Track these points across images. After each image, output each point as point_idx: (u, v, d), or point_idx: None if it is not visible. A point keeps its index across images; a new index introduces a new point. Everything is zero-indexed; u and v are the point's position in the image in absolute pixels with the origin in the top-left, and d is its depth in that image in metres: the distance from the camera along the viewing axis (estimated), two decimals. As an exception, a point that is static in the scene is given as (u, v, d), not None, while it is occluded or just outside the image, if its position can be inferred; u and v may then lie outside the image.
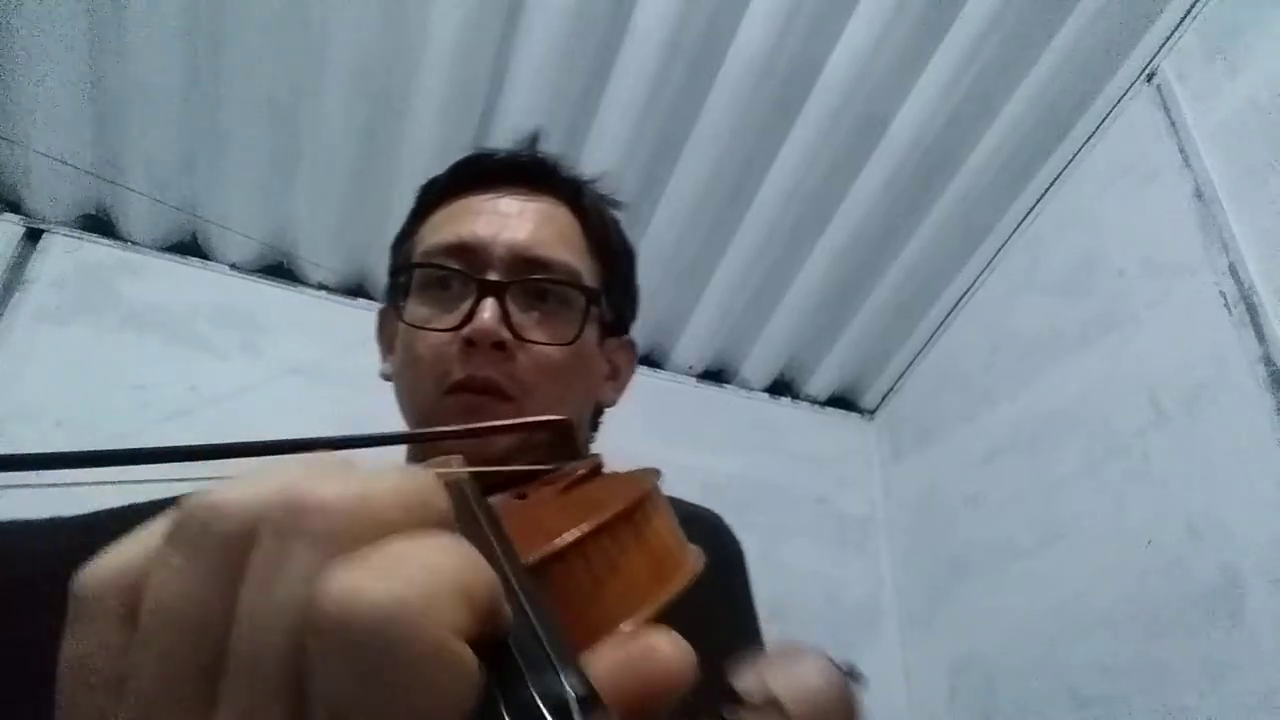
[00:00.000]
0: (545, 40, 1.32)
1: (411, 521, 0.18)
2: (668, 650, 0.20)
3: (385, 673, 0.15)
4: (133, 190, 1.46)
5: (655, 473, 0.35)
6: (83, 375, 1.40)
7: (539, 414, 0.49)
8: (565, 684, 0.17)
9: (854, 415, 1.92)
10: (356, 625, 0.15)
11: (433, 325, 0.57)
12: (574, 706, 0.17)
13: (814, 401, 1.90)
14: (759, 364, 1.83)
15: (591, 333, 0.61)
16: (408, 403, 0.60)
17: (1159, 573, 1.12)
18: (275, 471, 0.18)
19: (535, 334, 0.57)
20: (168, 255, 1.57)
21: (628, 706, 0.18)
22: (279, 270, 1.62)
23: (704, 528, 0.69)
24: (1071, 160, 1.48)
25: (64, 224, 1.52)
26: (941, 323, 1.74)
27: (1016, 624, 1.35)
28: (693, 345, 1.78)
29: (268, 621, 0.16)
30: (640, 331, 0.80)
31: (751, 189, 1.53)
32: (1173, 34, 1.31)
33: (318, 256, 1.58)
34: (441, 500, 0.19)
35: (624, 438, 0.68)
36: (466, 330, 0.55)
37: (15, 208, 1.51)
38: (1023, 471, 1.42)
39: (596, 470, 0.50)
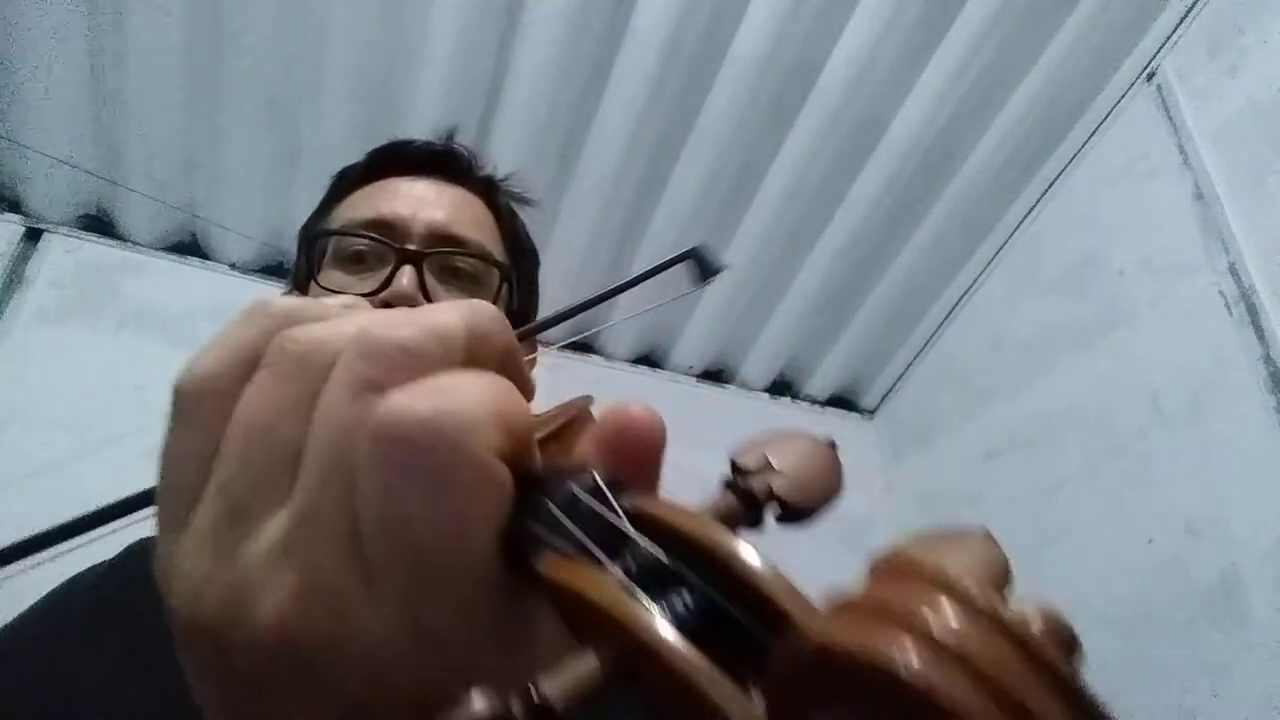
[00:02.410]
0: (545, 40, 1.32)
1: (472, 356, 0.20)
2: (636, 410, 0.21)
3: (427, 479, 0.17)
4: (133, 190, 1.46)
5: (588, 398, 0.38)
6: (83, 375, 1.40)
7: None
8: (574, 483, 0.18)
9: (854, 415, 1.92)
10: (403, 434, 0.17)
11: (348, 290, 0.57)
12: (586, 496, 0.18)
13: (814, 401, 1.90)
14: (759, 364, 1.82)
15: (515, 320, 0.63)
16: None
17: (1159, 573, 1.12)
18: (356, 314, 0.21)
19: None
20: (168, 255, 1.57)
21: (627, 471, 0.20)
22: (279, 270, 1.62)
23: None
24: (1071, 160, 1.48)
25: (64, 224, 1.52)
26: (941, 323, 1.74)
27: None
28: (693, 345, 1.78)
29: (331, 435, 0.18)
30: (640, 331, 0.80)
31: (751, 189, 1.53)
32: (1173, 34, 1.31)
33: (318, 256, 1.58)
34: (503, 335, 0.21)
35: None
36: (384, 294, 0.56)
37: (15, 208, 1.51)
38: (1023, 471, 1.42)
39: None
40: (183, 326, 1.50)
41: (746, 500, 0.20)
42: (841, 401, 1.92)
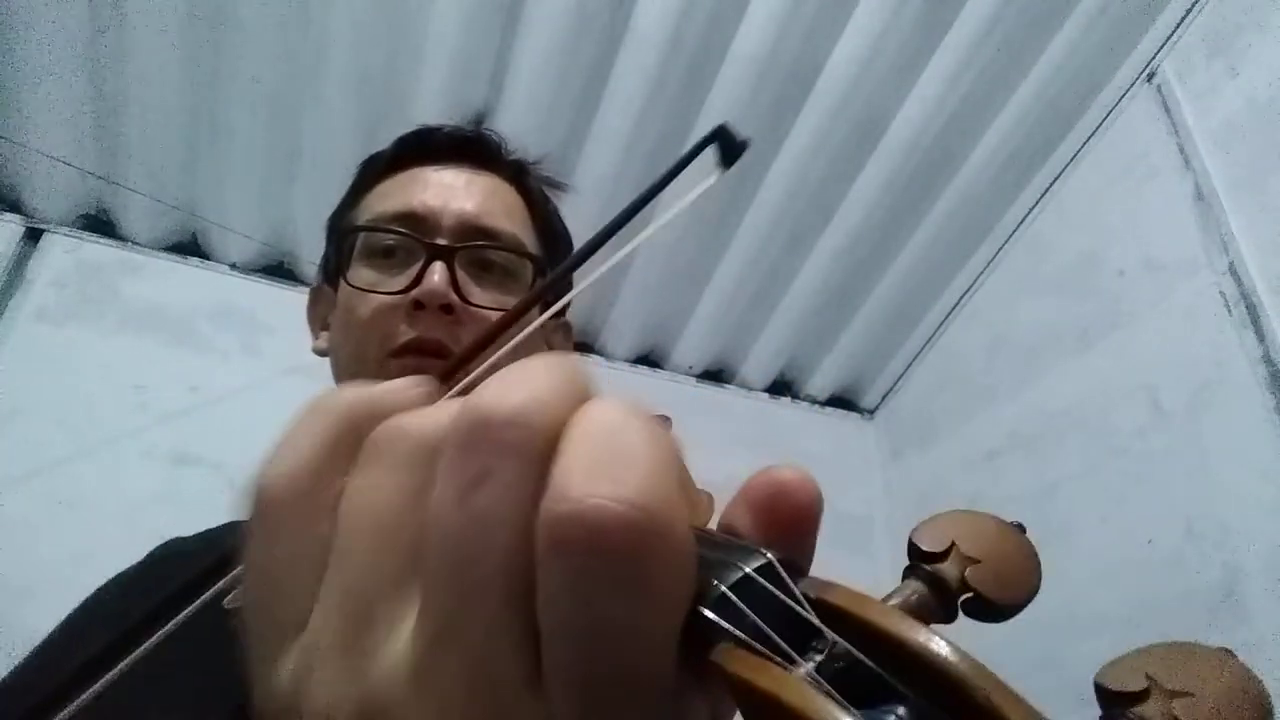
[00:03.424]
0: (545, 40, 1.32)
1: (580, 404, 0.18)
2: (789, 475, 0.19)
3: (633, 581, 0.15)
4: (133, 190, 1.46)
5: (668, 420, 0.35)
6: (83, 375, 1.40)
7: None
8: (744, 564, 0.16)
9: (854, 415, 1.92)
10: (610, 537, 0.15)
11: (379, 288, 0.57)
12: (763, 580, 0.16)
13: (814, 401, 1.90)
14: (759, 364, 1.82)
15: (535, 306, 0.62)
16: (347, 369, 0.59)
17: (1159, 573, 1.12)
18: (446, 404, 0.19)
19: (482, 300, 0.56)
20: (168, 255, 1.57)
21: (783, 545, 0.18)
22: (279, 270, 1.62)
23: None
24: (1071, 160, 1.48)
25: (64, 224, 1.52)
26: (941, 323, 1.74)
27: (1016, 624, 1.34)
28: (693, 345, 1.78)
29: (479, 533, 0.16)
30: (640, 331, 0.80)
31: (751, 189, 1.53)
32: (1173, 34, 1.31)
33: (318, 256, 1.58)
34: (587, 374, 0.19)
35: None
36: (415, 292, 0.54)
37: (15, 208, 1.51)
38: (1023, 471, 1.42)
39: None
40: (183, 326, 1.50)
41: (939, 591, 0.18)
42: (841, 401, 1.92)
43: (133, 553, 0.61)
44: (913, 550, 0.18)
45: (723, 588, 0.16)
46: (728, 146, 0.41)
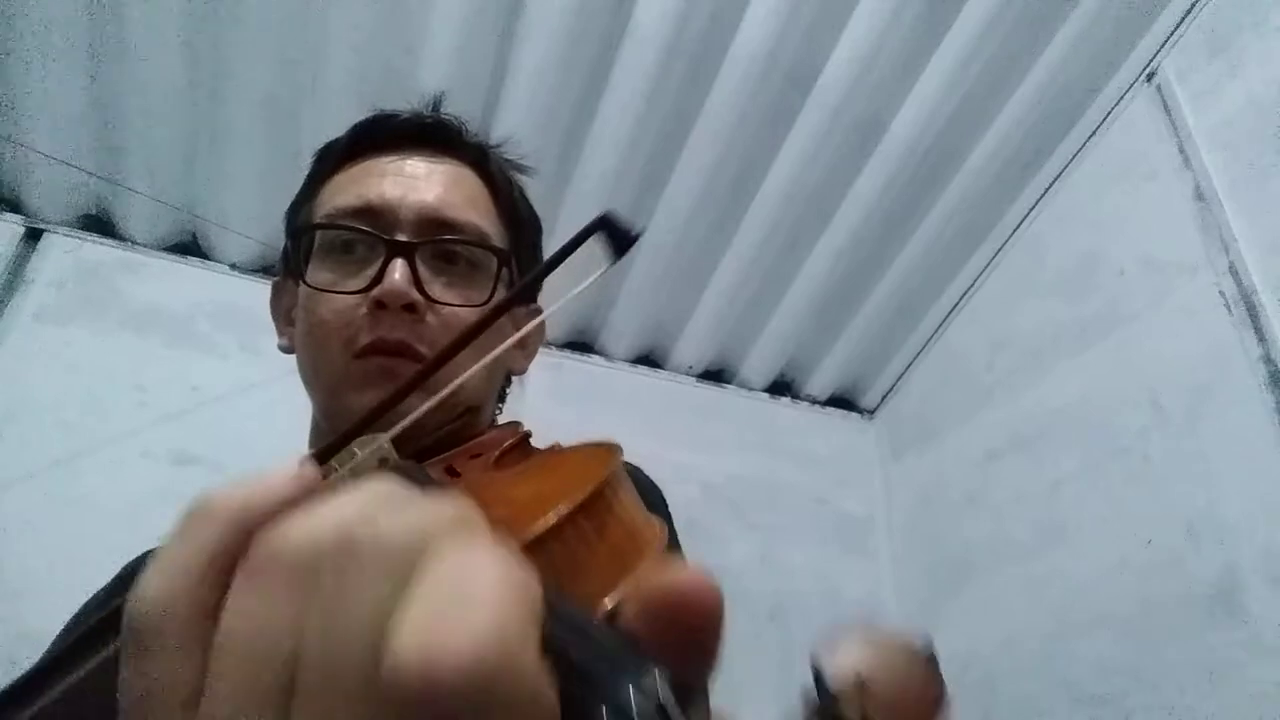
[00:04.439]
0: (545, 40, 1.32)
1: (452, 537, 0.18)
2: (692, 582, 0.18)
3: None
4: (133, 190, 1.46)
5: (617, 447, 0.34)
6: (83, 375, 1.40)
7: (450, 378, 0.46)
8: (631, 683, 0.16)
9: (854, 415, 1.92)
10: (444, 688, 0.15)
11: (339, 288, 0.55)
12: (645, 704, 0.16)
13: (814, 401, 1.90)
14: (759, 364, 1.82)
15: (500, 297, 0.58)
16: (313, 371, 0.58)
17: (1159, 573, 1.12)
18: (331, 507, 0.19)
19: (446, 296, 0.55)
20: (168, 255, 1.57)
21: (679, 647, 0.18)
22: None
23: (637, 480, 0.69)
24: (1071, 160, 1.48)
25: (64, 224, 1.52)
26: (941, 323, 1.74)
27: (1016, 624, 1.35)
28: (693, 345, 1.78)
29: (339, 655, 0.16)
30: (640, 331, 0.79)
31: (751, 189, 1.53)
32: (1173, 34, 1.31)
33: (318, 256, 1.58)
34: (474, 522, 0.19)
35: (624, 437, 0.67)
36: (376, 291, 0.53)
37: (15, 208, 1.51)
38: (1023, 471, 1.42)
39: (524, 441, 0.47)
40: (183, 326, 1.50)
41: None
42: (841, 401, 1.92)
43: (133, 553, 0.61)
44: (817, 680, 0.17)
45: (602, 709, 0.16)
46: (616, 236, 0.39)
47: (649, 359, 1.83)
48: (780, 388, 1.89)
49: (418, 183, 0.58)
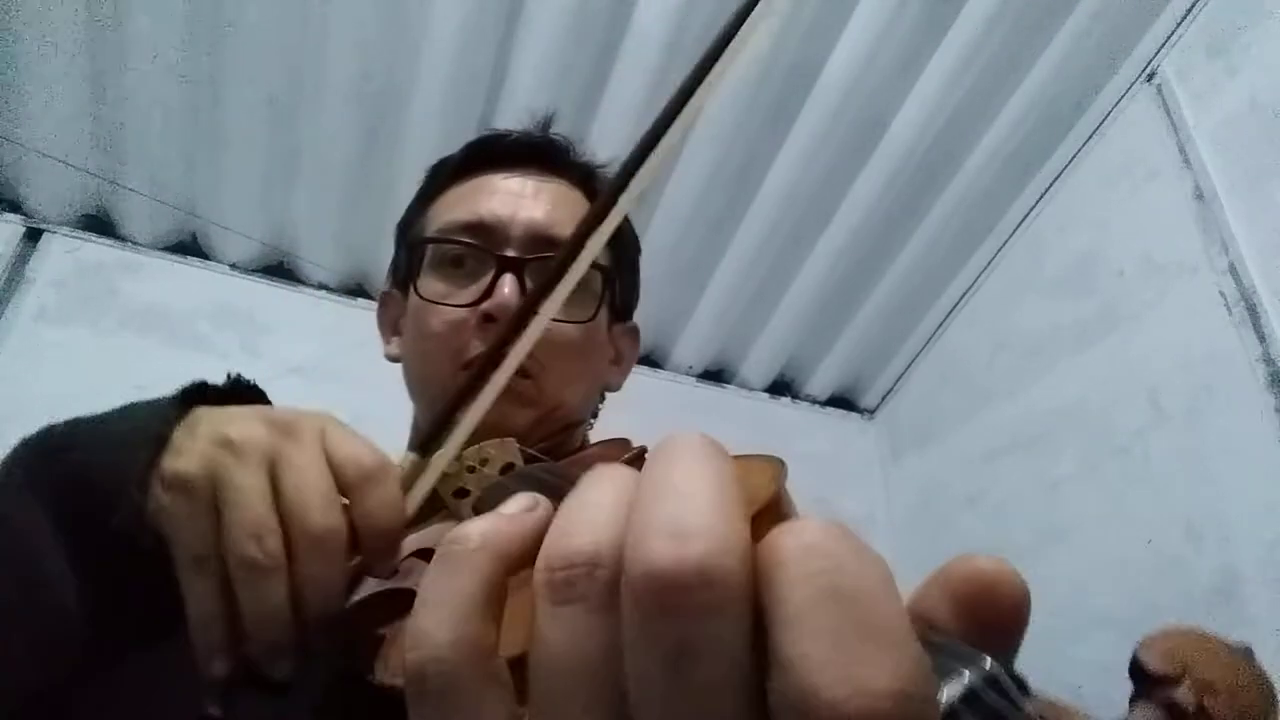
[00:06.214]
0: (545, 40, 1.32)
1: (749, 511, 0.17)
2: (993, 568, 0.18)
3: None
4: (133, 190, 1.46)
5: (781, 461, 0.32)
6: (83, 375, 1.40)
7: (555, 392, 0.45)
8: (970, 670, 0.15)
9: (854, 415, 1.92)
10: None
11: (449, 301, 0.57)
12: (990, 692, 0.15)
13: (814, 401, 1.90)
14: (759, 364, 1.82)
15: (603, 314, 0.62)
16: (419, 380, 0.60)
17: (1159, 573, 1.12)
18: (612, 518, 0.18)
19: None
20: (168, 255, 1.57)
21: (989, 636, 0.17)
22: (279, 270, 1.62)
23: None
24: (1071, 160, 1.48)
25: (64, 224, 1.52)
26: (941, 323, 1.74)
27: (1016, 624, 1.35)
28: (693, 345, 1.78)
29: (705, 704, 0.15)
30: (640, 331, 0.79)
31: (751, 189, 1.53)
32: (1173, 34, 1.31)
33: (318, 256, 1.58)
34: (728, 461, 0.18)
35: (624, 437, 0.67)
36: (486, 305, 0.55)
37: (15, 208, 1.51)
38: (1023, 471, 1.42)
39: (642, 455, 0.48)
40: (183, 326, 1.49)
41: (1175, 717, 0.16)
42: (841, 401, 1.92)
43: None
44: (1139, 671, 0.17)
45: (952, 702, 0.15)
46: None
47: (649, 359, 1.83)
48: (780, 388, 1.89)
49: (527, 200, 0.61)
